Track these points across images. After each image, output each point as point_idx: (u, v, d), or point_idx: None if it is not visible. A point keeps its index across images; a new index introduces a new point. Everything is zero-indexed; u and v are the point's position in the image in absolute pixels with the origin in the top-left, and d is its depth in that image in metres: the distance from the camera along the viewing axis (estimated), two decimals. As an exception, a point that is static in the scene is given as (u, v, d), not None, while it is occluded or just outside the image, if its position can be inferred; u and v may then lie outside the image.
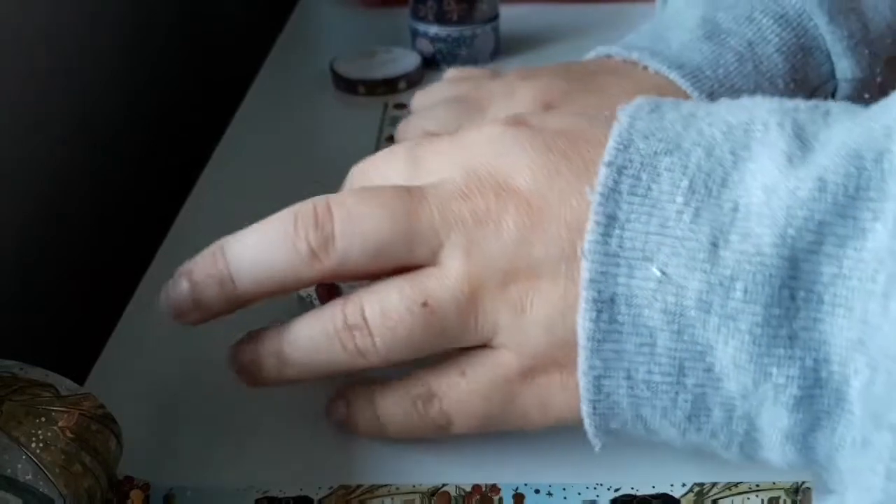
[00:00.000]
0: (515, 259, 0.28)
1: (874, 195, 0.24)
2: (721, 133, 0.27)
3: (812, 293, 0.24)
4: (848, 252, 0.24)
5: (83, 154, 0.54)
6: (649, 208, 0.26)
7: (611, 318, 0.26)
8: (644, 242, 0.26)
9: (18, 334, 0.46)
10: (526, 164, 0.29)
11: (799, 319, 0.24)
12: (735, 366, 0.25)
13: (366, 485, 0.32)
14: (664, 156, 0.27)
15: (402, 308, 0.29)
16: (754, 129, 0.27)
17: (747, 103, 0.28)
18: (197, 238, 0.44)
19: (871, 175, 0.24)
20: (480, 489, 0.32)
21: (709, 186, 0.26)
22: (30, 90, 0.49)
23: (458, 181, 0.29)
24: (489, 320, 0.28)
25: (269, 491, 0.32)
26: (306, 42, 0.71)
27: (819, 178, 0.24)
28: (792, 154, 0.25)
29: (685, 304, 0.25)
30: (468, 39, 0.63)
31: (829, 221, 0.24)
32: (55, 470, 0.27)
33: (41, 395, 0.29)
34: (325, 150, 0.56)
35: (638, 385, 0.27)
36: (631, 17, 0.69)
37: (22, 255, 0.48)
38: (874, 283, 0.23)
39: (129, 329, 0.41)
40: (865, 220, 0.24)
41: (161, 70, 0.66)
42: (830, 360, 0.24)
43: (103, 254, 0.56)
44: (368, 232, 0.29)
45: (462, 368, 0.30)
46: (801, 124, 0.26)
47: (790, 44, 0.43)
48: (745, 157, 0.26)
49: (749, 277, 0.24)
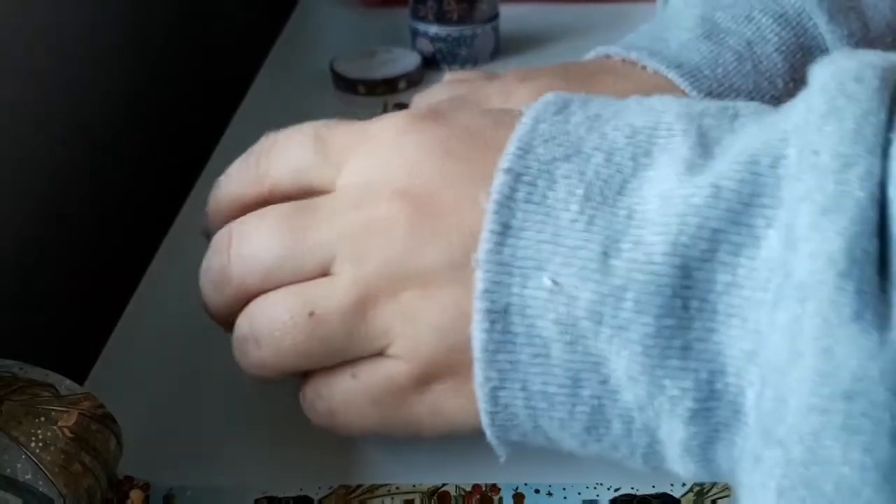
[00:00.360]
0: (406, 266, 0.27)
1: (768, 202, 0.23)
2: (624, 137, 0.26)
3: (706, 302, 0.23)
4: (741, 260, 0.23)
5: (83, 154, 0.54)
6: (543, 216, 0.25)
7: (504, 329, 0.26)
8: (537, 251, 0.25)
9: (18, 334, 0.46)
10: (424, 167, 0.28)
11: (693, 330, 0.23)
12: (629, 378, 0.24)
13: (366, 485, 0.32)
14: (563, 162, 0.26)
15: (286, 318, 0.28)
16: (658, 134, 0.26)
17: (658, 105, 0.28)
18: (197, 238, 0.44)
19: (766, 181, 0.23)
20: (480, 489, 0.32)
21: (605, 194, 0.25)
22: (30, 90, 0.49)
23: (351, 189, 0.29)
24: (379, 329, 0.28)
25: (269, 491, 0.32)
26: (306, 42, 0.71)
27: (713, 184, 0.23)
28: (692, 161, 0.25)
29: (577, 314, 0.24)
30: (468, 39, 0.63)
31: (723, 229, 0.23)
32: (55, 470, 0.27)
33: (41, 394, 0.29)
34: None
35: (534, 396, 0.26)
36: (631, 17, 0.69)
37: (22, 255, 0.48)
38: (765, 293, 0.23)
39: (129, 329, 0.41)
40: (759, 227, 0.23)
41: (161, 70, 0.66)
42: (726, 372, 0.23)
43: (103, 254, 0.56)
44: (259, 255, 0.29)
45: (353, 371, 0.29)
46: (705, 130, 0.26)
47: (789, 43, 0.43)
48: (646, 164, 0.25)
49: (639, 287, 0.24)
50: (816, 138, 0.23)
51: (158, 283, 0.44)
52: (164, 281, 0.44)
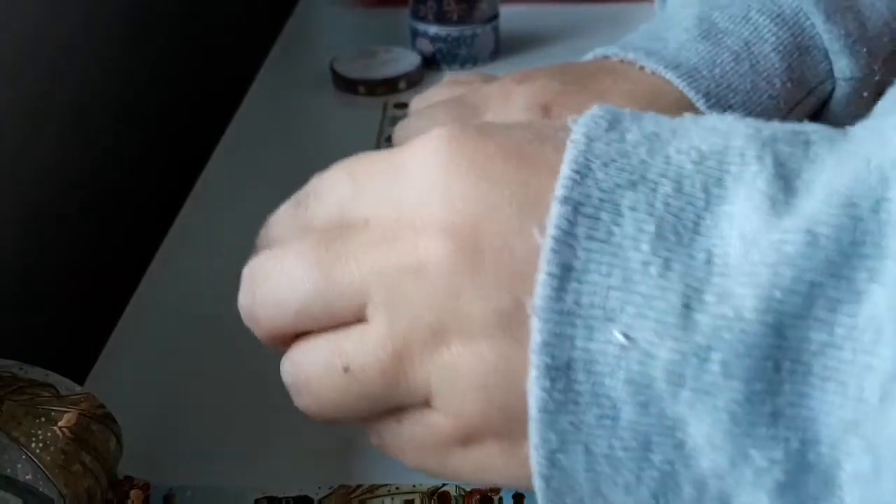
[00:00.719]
0: (443, 314, 0.24)
1: (870, 251, 0.21)
2: (691, 163, 0.23)
3: (799, 363, 0.21)
4: (840, 318, 0.21)
5: (83, 154, 0.54)
6: (610, 257, 0.22)
7: (567, 387, 0.23)
8: (605, 299, 0.22)
9: (18, 334, 0.46)
10: (461, 193, 0.24)
11: (784, 394, 0.21)
12: (710, 444, 0.22)
13: (366, 485, 0.32)
14: (627, 190, 0.23)
15: (322, 373, 0.26)
16: (729, 160, 0.23)
17: (719, 125, 0.25)
18: (197, 238, 0.44)
19: (868, 227, 0.21)
20: (480, 489, 0.32)
21: (679, 232, 0.22)
22: (30, 90, 0.49)
23: (383, 223, 0.26)
24: (420, 384, 0.25)
25: (269, 491, 0.32)
26: (306, 42, 0.71)
27: (808, 230, 0.21)
28: (774, 197, 0.22)
29: (653, 374, 0.22)
30: (468, 39, 0.63)
31: (821, 282, 0.21)
32: (55, 470, 0.27)
33: (41, 394, 0.29)
34: (324, 150, 0.56)
35: (598, 460, 0.23)
36: (631, 17, 0.69)
37: (22, 255, 0.48)
38: (871, 356, 0.20)
39: (129, 329, 0.41)
40: (860, 280, 0.21)
41: (161, 70, 0.66)
42: (819, 441, 0.21)
43: (103, 254, 0.56)
44: (284, 299, 0.27)
45: (399, 416, 0.27)
46: (782, 159, 0.23)
47: (787, 43, 0.42)
48: (719, 197, 0.23)
49: (728, 347, 0.21)
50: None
51: (158, 284, 0.44)
52: (163, 281, 0.44)
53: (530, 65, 0.61)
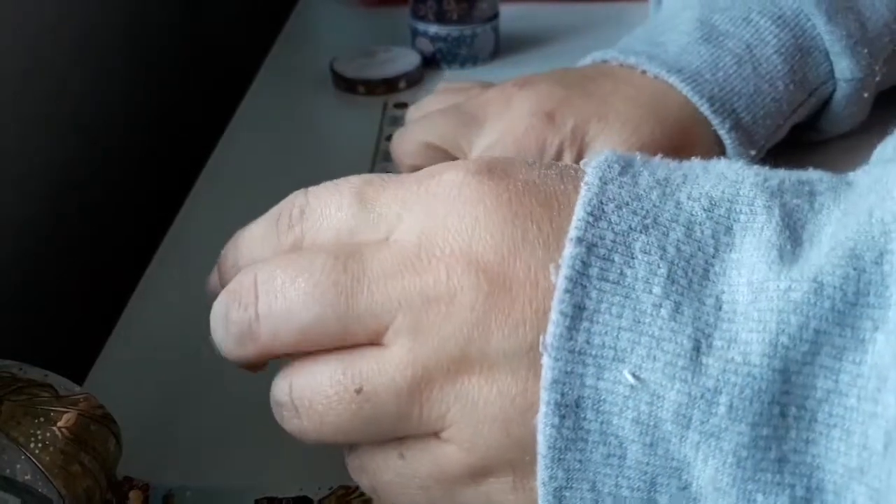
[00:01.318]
0: (469, 346, 0.24)
1: (874, 301, 0.21)
2: (702, 210, 0.24)
3: (804, 410, 0.21)
4: (845, 365, 0.21)
5: (83, 154, 0.54)
6: (622, 298, 0.23)
7: (576, 425, 0.23)
8: (615, 339, 0.22)
9: (18, 334, 0.46)
10: (488, 229, 0.24)
11: (789, 440, 0.21)
12: (715, 488, 0.22)
13: (365, 485, 0.32)
14: (640, 233, 0.23)
15: (330, 392, 0.25)
16: (738, 209, 0.24)
17: (728, 172, 0.25)
18: (197, 238, 0.44)
19: (872, 278, 0.21)
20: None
21: (689, 277, 0.23)
22: (30, 90, 0.49)
23: (405, 248, 0.25)
24: (435, 413, 0.25)
25: (269, 491, 0.32)
26: (306, 41, 0.71)
27: (814, 279, 0.22)
28: (782, 247, 0.23)
29: (661, 415, 0.22)
30: (468, 39, 0.63)
31: (826, 330, 0.21)
32: (54, 470, 0.27)
33: (40, 395, 0.29)
34: (324, 150, 0.56)
35: (604, 499, 0.24)
36: (630, 17, 0.69)
37: (22, 255, 0.48)
38: (874, 404, 0.21)
39: (128, 329, 0.41)
40: (865, 329, 0.21)
41: (161, 70, 0.66)
42: (824, 489, 0.21)
43: (103, 254, 0.56)
44: (294, 316, 0.26)
45: (402, 450, 0.26)
46: (788, 210, 0.24)
47: (788, 45, 0.42)
48: (727, 244, 0.23)
49: (735, 391, 0.21)
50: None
51: (157, 284, 0.44)
52: (163, 281, 0.44)
53: (530, 64, 0.61)
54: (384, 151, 0.53)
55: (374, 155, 0.53)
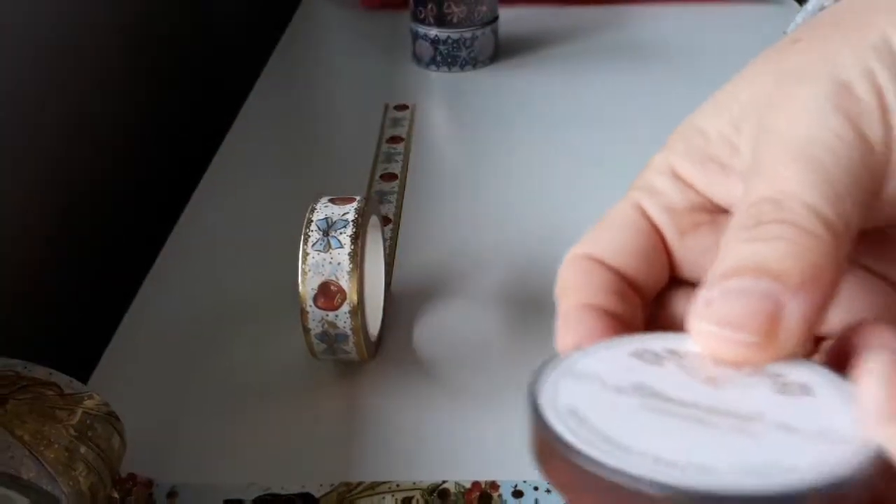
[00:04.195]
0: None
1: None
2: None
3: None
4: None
5: (86, 155, 0.55)
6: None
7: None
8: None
9: (22, 333, 0.46)
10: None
11: None
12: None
13: (367, 482, 0.32)
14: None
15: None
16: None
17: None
18: (200, 238, 0.44)
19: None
20: (480, 486, 0.32)
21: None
22: (30, 90, 0.49)
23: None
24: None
25: (272, 488, 0.32)
26: (307, 43, 0.71)
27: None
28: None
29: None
30: (468, 41, 0.63)
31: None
32: (59, 468, 0.27)
33: (45, 393, 0.29)
34: (326, 150, 0.56)
35: None
36: (630, 19, 0.69)
37: (26, 255, 0.48)
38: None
39: (132, 328, 0.41)
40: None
41: (164, 71, 0.67)
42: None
43: (107, 253, 0.56)
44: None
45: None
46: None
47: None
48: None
49: None
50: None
51: (161, 283, 0.44)
52: (167, 281, 0.44)
53: (530, 66, 0.62)
54: (385, 152, 0.53)
55: (375, 155, 0.53)
